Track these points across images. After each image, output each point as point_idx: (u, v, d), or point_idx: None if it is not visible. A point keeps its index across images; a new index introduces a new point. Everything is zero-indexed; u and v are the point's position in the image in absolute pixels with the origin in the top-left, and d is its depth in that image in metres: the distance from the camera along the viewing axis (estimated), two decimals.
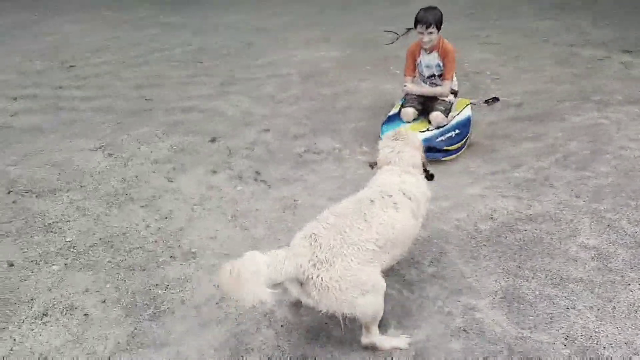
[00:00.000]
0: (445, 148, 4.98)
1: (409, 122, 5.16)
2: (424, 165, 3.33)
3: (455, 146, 5.05)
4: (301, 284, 2.62)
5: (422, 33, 4.93)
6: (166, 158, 5.12)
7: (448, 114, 5.18)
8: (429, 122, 5.12)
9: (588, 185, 4.48)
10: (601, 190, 4.40)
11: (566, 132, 5.47)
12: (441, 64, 5.12)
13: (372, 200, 2.86)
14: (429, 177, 3.38)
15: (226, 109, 6.23)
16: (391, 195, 2.92)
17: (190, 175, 4.81)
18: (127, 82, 7.07)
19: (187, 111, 6.17)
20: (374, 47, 8.23)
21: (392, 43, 5.27)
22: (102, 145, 5.36)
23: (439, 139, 4.98)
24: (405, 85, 5.32)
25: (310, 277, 2.57)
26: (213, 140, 5.47)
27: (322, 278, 2.56)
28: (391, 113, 5.38)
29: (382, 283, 2.74)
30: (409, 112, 5.19)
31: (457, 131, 5.09)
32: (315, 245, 2.62)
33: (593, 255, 3.63)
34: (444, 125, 5.07)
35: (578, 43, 8.20)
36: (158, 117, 6.03)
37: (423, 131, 5.01)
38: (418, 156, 3.27)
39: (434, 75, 5.24)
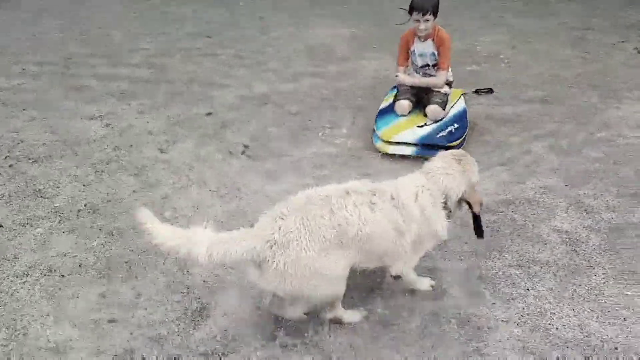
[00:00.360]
0: (447, 145, 4.60)
1: (403, 115, 4.95)
2: (470, 207, 3.00)
3: (457, 142, 4.72)
4: (260, 266, 2.60)
5: (418, 20, 4.69)
6: (161, 129, 5.24)
7: (445, 106, 4.94)
8: (425, 116, 4.92)
9: (574, 171, 4.46)
10: (586, 175, 4.38)
11: (565, 117, 5.43)
12: (436, 53, 4.89)
13: (347, 192, 2.73)
14: (477, 231, 3.11)
15: (228, 83, 6.30)
16: (375, 194, 2.76)
17: (182, 147, 4.92)
18: (135, 54, 7.19)
19: (189, 84, 6.27)
20: (386, 25, 8.16)
21: (403, 24, 5.25)
22: (102, 115, 5.50)
23: (440, 134, 4.72)
24: (397, 76, 5.07)
25: (266, 259, 2.56)
26: (209, 113, 5.57)
27: (277, 262, 2.54)
28: (383, 106, 5.14)
29: (342, 272, 2.69)
30: (404, 104, 4.95)
31: (456, 125, 4.84)
32: (276, 227, 2.58)
33: (564, 239, 3.64)
34: (441, 119, 4.86)
35: (596, 27, 8.02)
36: (160, 89, 6.14)
37: (421, 126, 4.82)
38: (460, 191, 2.91)
39: (427, 65, 4.99)
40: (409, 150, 4.70)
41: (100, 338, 2.96)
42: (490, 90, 5.78)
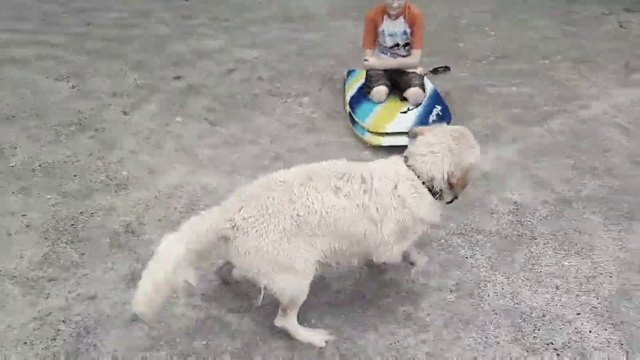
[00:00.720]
0: None
1: (381, 102, 4.63)
2: (454, 193, 2.67)
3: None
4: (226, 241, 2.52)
5: None
6: (126, 92, 5.21)
7: (424, 88, 4.67)
8: (402, 100, 4.64)
9: (533, 143, 4.46)
10: (545, 148, 4.38)
11: (535, 88, 5.41)
12: (408, 32, 4.57)
13: (310, 177, 2.55)
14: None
15: (201, 47, 6.25)
16: (341, 178, 2.55)
17: (145, 110, 4.90)
18: (110, 18, 7.12)
19: (160, 48, 6.21)
20: None
21: None
22: (69, 76, 5.46)
23: (429, 119, 4.41)
24: (366, 60, 4.70)
25: (229, 238, 2.48)
26: (177, 77, 5.53)
27: (236, 245, 2.46)
28: (352, 94, 4.81)
29: (307, 268, 2.52)
30: (382, 91, 4.62)
31: (438, 107, 4.57)
32: (237, 207, 2.49)
33: (511, 209, 3.65)
34: (420, 103, 4.60)
35: None
36: (132, 51, 6.09)
37: (404, 112, 4.52)
38: (445, 172, 2.58)
39: (397, 45, 4.66)
40: (404, 141, 4.10)
41: (38, 296, 2.98)
42: (447, 68, 5.59)
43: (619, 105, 5.06)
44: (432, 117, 4.46)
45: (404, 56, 4.72)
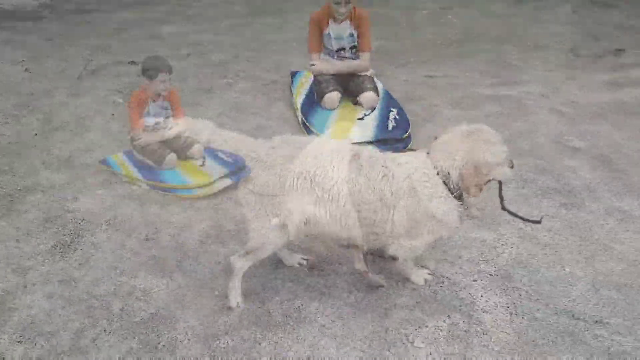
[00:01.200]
0: (404, 136, 4.22)
1: (333, 108, 4.47)
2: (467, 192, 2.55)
3: (409, 131, 4.29)
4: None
5: (338, 3, 4.24)
6: (79, 76, 5.33)
7: (377, 91, 4.54)
8: (355, 104, 4.51)
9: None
10: None
11: (481, 73, 5.60)
12: (355, 34, 4.42)
13: (338, 150, 2.63)
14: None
15: (160, 33, 6.41)
16: (367, 159, 2.60)
17: (94, 93, 5.04)
18: (71, 3, 7.22)
19: (120, 33, 6.33)
20: None
21: None
22: (24, 60, 5.58)
23: (389, 126, 4.27)
24: (312, 65, 4.54)
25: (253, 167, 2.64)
26: (132, 62, 5.65)
27: (250, 179, 2.63)
28: (301, 101, 4.64)
29: (285, 228, 2.64)
30: (335, 97, 4.45)
31: (394, 110, 4.44)
32: (265, 146, 2.67)
33: None
34: (375, 107, 4.47)
35: None
36: (90, 37, 6.21)
37: (361, 118, 4.35)
38: (456, 170, 2.53)
39: (343, 49, 4.51)
40: None
41: None
42: None
43: (558, 89, 5.24)
44: (391, 122, 4.32)
45: (352, 59, 4.56)
